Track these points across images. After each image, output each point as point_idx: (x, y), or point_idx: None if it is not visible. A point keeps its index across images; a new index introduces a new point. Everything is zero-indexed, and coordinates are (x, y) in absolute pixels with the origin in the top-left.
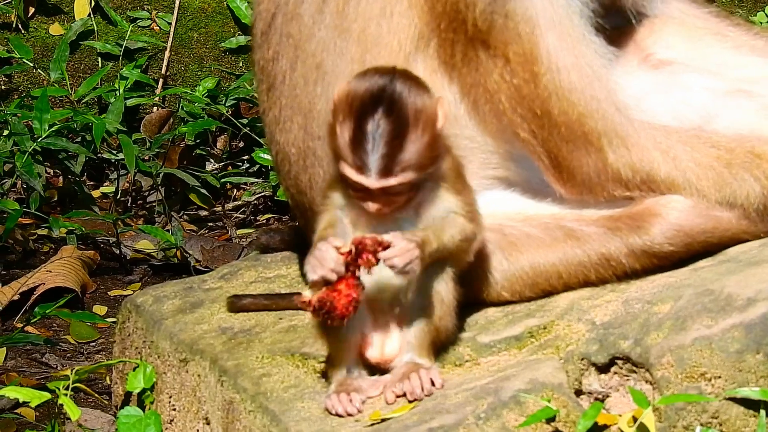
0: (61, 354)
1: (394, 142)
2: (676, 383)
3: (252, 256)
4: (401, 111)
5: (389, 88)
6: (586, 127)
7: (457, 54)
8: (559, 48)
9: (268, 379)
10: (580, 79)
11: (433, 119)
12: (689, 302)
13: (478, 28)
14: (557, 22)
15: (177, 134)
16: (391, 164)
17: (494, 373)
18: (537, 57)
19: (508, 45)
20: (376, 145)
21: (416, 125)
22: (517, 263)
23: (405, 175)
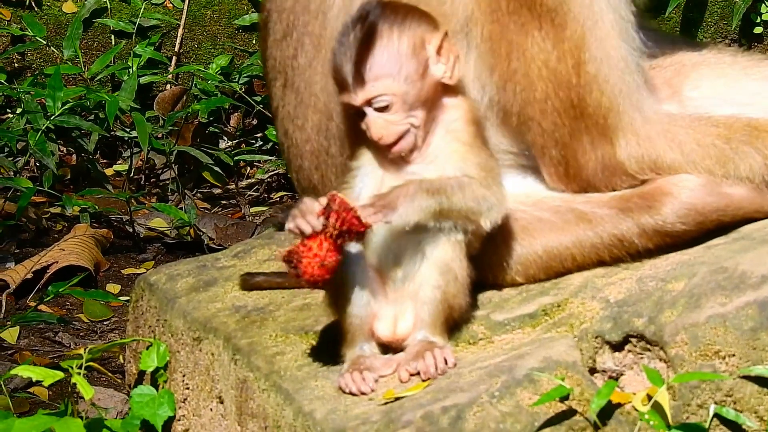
0: (74, 333)
1: (364, 50)
2: (690, 361)
3: (266, 234)
4: (376, 21)
5: (368, 7)
6: (609, 120)
7: (508, 36)
8: (606, 38)
9: (281, 358)
10: (615, 72)
11: (417, 33)
12: (703, 280)
13: (545, 6)
14: (607, 11)
15: (190, 112)
16: (363, 72)
17: (508, 351)
18: (587, 43)
19: (566, 28)
20: (348, 57)
21: (391, 33)
22: (530, 247)
23: (385, 84)
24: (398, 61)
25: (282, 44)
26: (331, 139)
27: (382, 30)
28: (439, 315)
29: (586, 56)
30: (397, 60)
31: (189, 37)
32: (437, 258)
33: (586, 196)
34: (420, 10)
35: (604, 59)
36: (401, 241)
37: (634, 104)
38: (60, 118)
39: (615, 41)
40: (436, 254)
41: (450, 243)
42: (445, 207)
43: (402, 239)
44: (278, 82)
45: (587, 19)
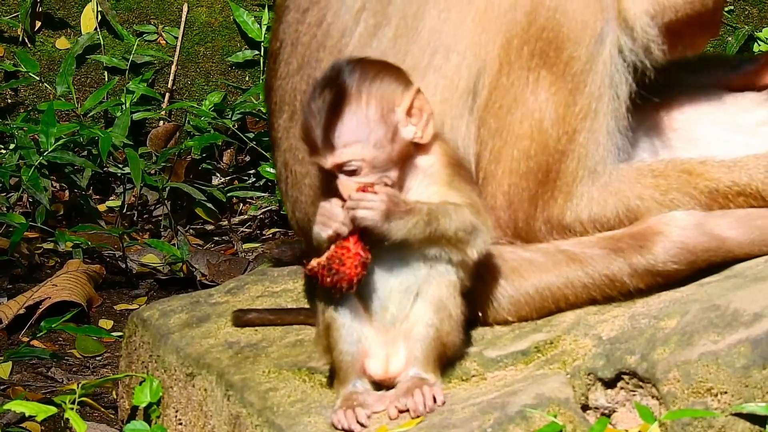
0: (67, 368)
1: (333, 115)
2: (683, 398)
3: (258, 270)
4: (344, 84)
5: (338, 66)
6: (570, 187)
7: (514, 92)
8: (603, 114)
9: (274, 394)
10: (597, 146)
11: (387, 96)
12: (696, 317)
13: (569, 71)
14: (610, 87)
15: (183, 148)
16: (332, 138)
17: (501, 388)
18: (588, 117)
19: (579, 97)
20: (318, 121)
21: (359, 97)
22: (521, 288)
23: (354, 150)
24: (367, 127)
25: (295, 78)
26: None
27: (351, 94)
28: (432, 352)
29: (582, 126)
30: (365, 126)
31: (182, 74)
32: (432, 295)
33: (576, 238)
34: (392, 69)
35: (594, 133)
36: (395, 278)
37: (594, 170)
38: (53, 154)
39: (609, 118)
40: (431, 292)
41: (444, 280)
42: (433, 229)
43: (396, 276)
44: (285, 114)
45: (600, 95)
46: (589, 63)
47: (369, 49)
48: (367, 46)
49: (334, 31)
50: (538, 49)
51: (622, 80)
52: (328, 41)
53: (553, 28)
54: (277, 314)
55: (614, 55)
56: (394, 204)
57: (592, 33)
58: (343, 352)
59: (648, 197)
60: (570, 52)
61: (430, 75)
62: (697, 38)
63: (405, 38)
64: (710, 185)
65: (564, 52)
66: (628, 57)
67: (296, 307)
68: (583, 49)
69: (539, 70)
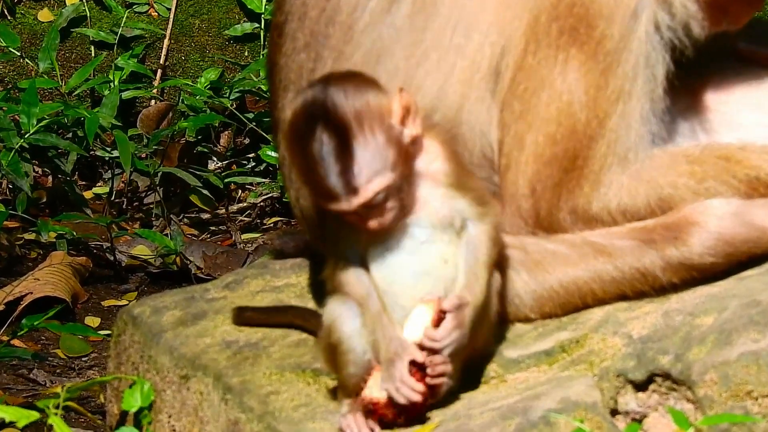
0: (50, 370)
1: (345, 156)
2: (720, 402)
3: (259, 263)
4: (339, 119)
5: (321, 98)
6: (598, 175)
7: (541, 72)
8: (638, 97)
9: (276, 398)
10: (629, 131)
11: (380, 114)
12: (734, 314)
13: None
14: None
15: (177, 130)
16: (352, 180)
17: (522, 391)
18: (621, 99)
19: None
20: (328, 167)
21: (362, 128)
22: (545, 283)
23: (376, 183)
24: (380, 154)
25: (301, 54)
26: None
27: (351, 125)
28: (457, 359)
29: (613, 110)
30: (378, 154)
31: (175, 49)
32: None
33: (604, 228)
34: (365, 79)
35: (626, 117)
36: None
37: (625, 158)
38: (35, 137)
39: (643, 101)
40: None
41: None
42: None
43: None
44: (289, 93)
45: (634, 75)
46: (623, 41)
47: (382, 25)
48: (380, 22)
49: (345, 5)
50: (567, 26)
51: (658, 60)
52: (338, 16)
53: (583, 4)
54: (279, 313)
55: (650, 33)
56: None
57: (626, 9)
58: (351, 375)
59: (682, 185)
60: (602, 29)
61: (451, 54)
62: (742, 12)
63: (422, 14)
64: (750, 173)
65: (596, 30)
66: (666, 34)
67: (301, 306)
68: (617, 26)
69: (569, 49)
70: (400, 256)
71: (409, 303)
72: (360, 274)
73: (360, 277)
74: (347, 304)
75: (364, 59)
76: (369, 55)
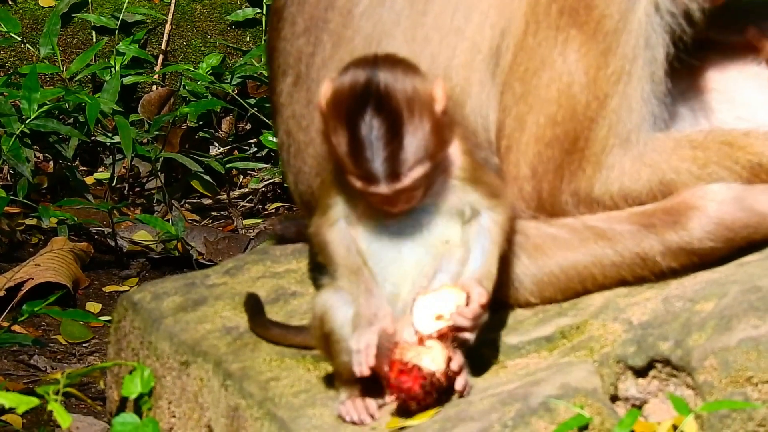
0: (50, 356)
1: (395, 142)
2: (720, 388)
3: (260, 248)
4: (392, 104)
5: (374, 80)
6: (599, 157)
7: (541, 53)
8: (638, 78)
9: (276, 384)
10: (630, 113)
11: (429, 102)
12: (735, 300)
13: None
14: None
15: (178, 115)
16: (397, 167)
17: (522, 377)
18: (622, 80)
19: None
20: (376, 151)
21: (412, 115)
22: (545, 267)
23: (417, 171)
24: (425, 143)
25: (300, 39)
26: None
27: (403, 115)
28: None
29: (614, 91)
30: (424, 142)
31: (177, 34)
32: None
33: (604, 213)
34: (411, 66)
35: (627, 98)
36: (409, 260)
37: (626, 139)
38: (36, 122)
39: (644, 82)
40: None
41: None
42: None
43: (411, 257)
44: (289, 78)
45: (634, 56)
46: (623, 21)
47: (382, 9)
48: (379, 6)
49: None
50: (567, 7)
51: (658, 41)
52: (338, 1)
53: None
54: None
55: (650, 14)
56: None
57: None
58: (346, 363)
59: (684, 170)
60: (602, 9)
61: (451, 37)
62: None
63: None
64: (753, 159)
65: (595, 10)
66: (666, 15)
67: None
68: (616, 7)
69: (568, 29)
70: (398, 233)
71: (398, 278)
72: (346, 234)
73: (345, 237)
74: (339, 293)
75: (365, 43)
76: (370, 39)
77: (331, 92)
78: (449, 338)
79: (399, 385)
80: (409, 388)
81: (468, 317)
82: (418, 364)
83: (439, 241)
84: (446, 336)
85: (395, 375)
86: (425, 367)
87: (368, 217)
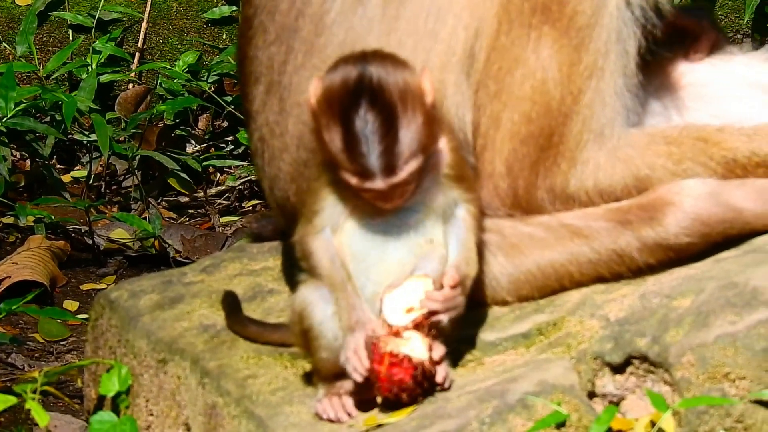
0: (28, 354)
1: (390, 136)
2: (698, 384)
3: (236, 246)
4: (386, 98)
5: (366, 75)
6: (574, 153)
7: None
8: (611, 72)
9: (253, 381)
10: (604, 108)
11: (420, 95)
12: (712, 296)
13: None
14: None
15: (155, 113)
16: (393, 160)
17: (500, 374)
18: (595, 75)
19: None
20: (371, 145)
21: (405, 108)
22: (522, 266)
23: (412, 164)
24: (418, 136)
25: (272, 48)
26: (311, 152)
27: (397, 109)
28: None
29: (587, 86)
30: (417, 136)
31: (153, 32)
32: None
33: (580, 210)
34: (400, 60)
35: (600, 93)
36: (390, 257)
37: (601, 134)
38: (13, 120)
39: (616, 76)
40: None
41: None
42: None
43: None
44: (261, 85)
45: (606, 51)
46: (595, 16)
47: (353, 16)
48: (351, 12)
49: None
50: (539, 4)
51: (630, 35)
52: (308, 8)
53: None
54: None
55: (621, 8)
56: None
57: None
58: (325, 359)
59: (659, 166)
60: (574, 5)
61: (426, 40)
62: None
63: (395, 1)
64: (727, 155)
65: (568, 6)
66: (636, 9)
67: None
68: (588, 2)
69: (541, 26)
70: (384, 232)
71: (381, 277)
72: (330, 245)
73: (329, 248)
74: (319, 290)
75: (338, 50)
76: (343, 46)
77: (321, 89)
78: (426, 327)
79: (391, 378)
80: (401, 380)
81: (438, 300)
82: (408, 354)
83: (423, 240)
84: (422, 325)
85: (387, 368)
86: (415, 357)
87: (356, 217)
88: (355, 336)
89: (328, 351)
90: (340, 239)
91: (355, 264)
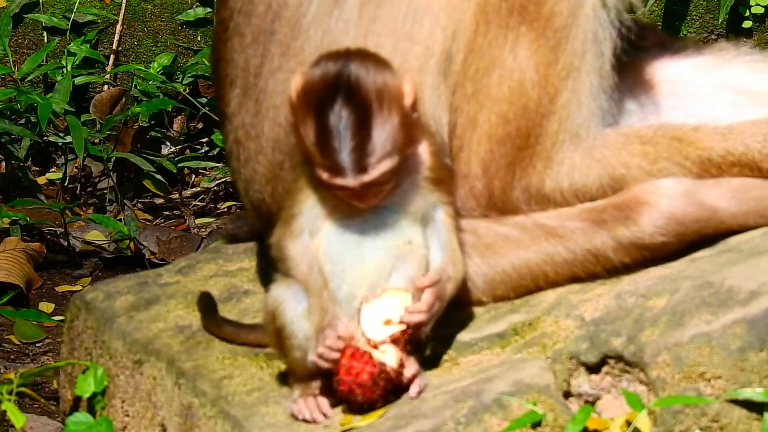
0: (4, 355)
1: (362, 133)
2: (673, 384)
3: (212, 247)
4: (362, 96)
5: (345, 72)
6: (549, 153)
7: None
8: (587, 73)
9: (229, 382)
10: (580, 108)
11: (398, 96)
12: (687, 296)
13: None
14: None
15: (130, 115)
16: (365, 158)
17: (475, 374)
18: (571, 76)
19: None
20: (343, 141)
21: (381, 108)
22: (497, 266)
23: (384, 164)
24: (393, 136)
25: (248, 51)
26: (287, 155)
27: (372, 107)
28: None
29: (564, 86)
30: (392, 135)
31: (128, 34)
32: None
33: (555, 210)
34: (382, 61)
35: (576, 93)
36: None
37: (576, 134)
38: None
39: (592, 77)
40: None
41: (419, 255)
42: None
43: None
44: (237, 88)
45: (583, 51)
46: (572, 17)
47: (330, 18)
48: (328, 15)
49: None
50: (517, 5)
51: (606, 36)
52: (285, 11)
53: None
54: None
55: (597, 9)
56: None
57: None
58: (298, 359)
59: (635, 166)
60: (551, 6)
61: (403, 42)
62: None
63: (371, 4)
64: (702, 154)
65: (545, 7)
66: (612, 10)
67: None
68: (565, 3)
69: (518, 27)
70: (361, 233)
71: (358, 279)
72: (308, 250)
73: (307, 252)
74: (291, 288)
75: (315, 53)
76: (319, 48)
77: (301, 84)
78: (402, 341)
79: (348, 370)
80: (357, 374)
81: (423, 310)
82: (370, 353)
83: (401, 242)
84: (399, 340)
85: (347, 359)
86: (377, 357)
87: (334, 218)
88: (326, 333)
89: (301, 351)
90: (317, 241)
91: (331, 265)
